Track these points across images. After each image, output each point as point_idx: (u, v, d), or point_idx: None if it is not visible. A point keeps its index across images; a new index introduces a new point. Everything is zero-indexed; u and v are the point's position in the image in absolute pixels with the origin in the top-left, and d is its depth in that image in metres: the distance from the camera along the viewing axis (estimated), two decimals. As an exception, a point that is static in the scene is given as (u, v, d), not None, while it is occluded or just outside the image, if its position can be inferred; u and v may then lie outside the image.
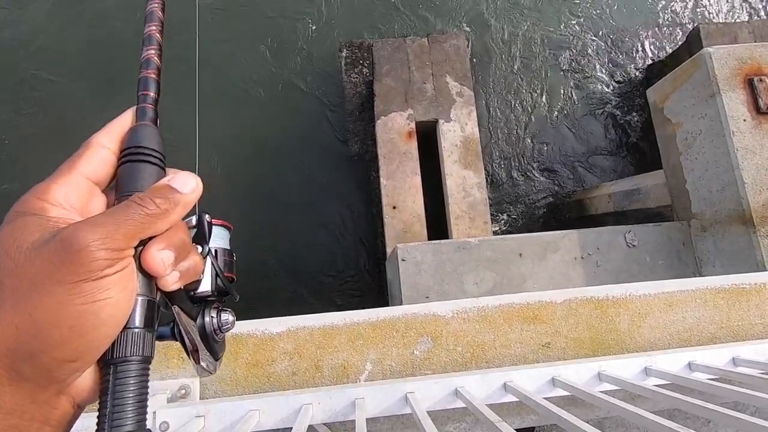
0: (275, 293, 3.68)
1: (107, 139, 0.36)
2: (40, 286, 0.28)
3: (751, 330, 0.97)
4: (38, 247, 0.28)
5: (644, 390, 0.76)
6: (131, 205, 0.31)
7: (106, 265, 0.29)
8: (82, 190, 0.33)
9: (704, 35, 3.67)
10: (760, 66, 2.42)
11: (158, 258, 0.32)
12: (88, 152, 0.34)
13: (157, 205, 0.32)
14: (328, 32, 4.34)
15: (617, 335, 0.97)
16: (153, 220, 0.32)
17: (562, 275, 2.55)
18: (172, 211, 0.33)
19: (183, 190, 0.34)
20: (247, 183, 3.90)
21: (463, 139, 3.55)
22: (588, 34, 4.58)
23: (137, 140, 0.36)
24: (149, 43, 0.39)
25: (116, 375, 0.31)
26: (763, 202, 2.20)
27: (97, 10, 4.09)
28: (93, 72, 3.89)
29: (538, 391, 0.86)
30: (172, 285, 0.34)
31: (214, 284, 0.39)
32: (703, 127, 2.46)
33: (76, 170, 0.33)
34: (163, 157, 0.37)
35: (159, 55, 0.39)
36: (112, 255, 0.29)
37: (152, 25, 0.40)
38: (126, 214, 0.31)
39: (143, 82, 0.38)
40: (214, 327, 0.38)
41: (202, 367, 0.39)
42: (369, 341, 0.94)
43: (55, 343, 0.28)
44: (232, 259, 0.42)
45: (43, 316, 0.27)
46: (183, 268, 0.34)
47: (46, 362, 0.28)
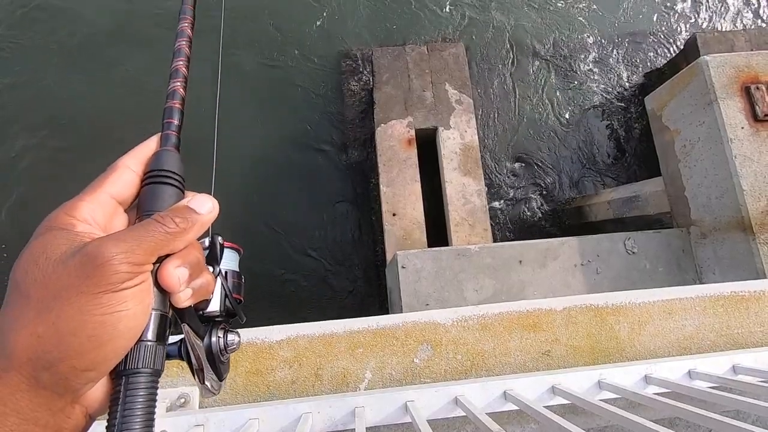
0: (273, 301, 3.67)
1: (133, 162, 0.38)
2: (64, 297, 0.29)
3: (750, 338, 0.97)
4: (65, 260, 0.30)
5: (644, 398, 0.76)
6: (152, 223, 0.34)
7: (126, 278, 0.30)
8: (107, 208, 0.36)
9: (701, 43, 3.71)
10: (757, 74, 2.44)
11: (174, 274, 0.34)
12: (114, 174, 0.37)
13: (177, 224, 0.34)
14: (327, 40, 4.37)
15: (617, 343, 0.96)
16: (172, 238, 0.34)
17: (562, 282, 2.55)
18: (189, 230, 0.35)
19: (200, 211, 0.36)
20: (245, 190, 3.91)
21: (463, 147, 3.57)
22: (586, 42, 4.62)
23: (160, 164, 0.38)
24: (176, 77, 0.42)
25: (127, 386, 0.32)
26: (761, 209, 2.21)
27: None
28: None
29: (538, 399, 0.85)
30: (184, 301, 0.36)
31: (223, 305, 0.40)
32: (701, 134, 2.47)
33: (102, 189, 0.36)
34: (183, 180, 0.39)
35: (184, 87, 0.43)
36: (133, 269, 0.31)
37: (179, 60, 0.43)
38: (147, 231, 0.33)
39: (168, 111, 0.41)
40: (220, 347, 0.39)
41: (206, 387, 0.39)
42: (369, 349, 0.94)
43: (74, 353, 0.29)
44: (241, 282, 0.43)
45: (65, 325, 0.29)
46: (195, 286, 0.36)
47: (65, 371, 0.29)
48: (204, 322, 0.39)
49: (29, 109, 3.95)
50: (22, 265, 0.31)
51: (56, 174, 3.75)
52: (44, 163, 3.82)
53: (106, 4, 4.28)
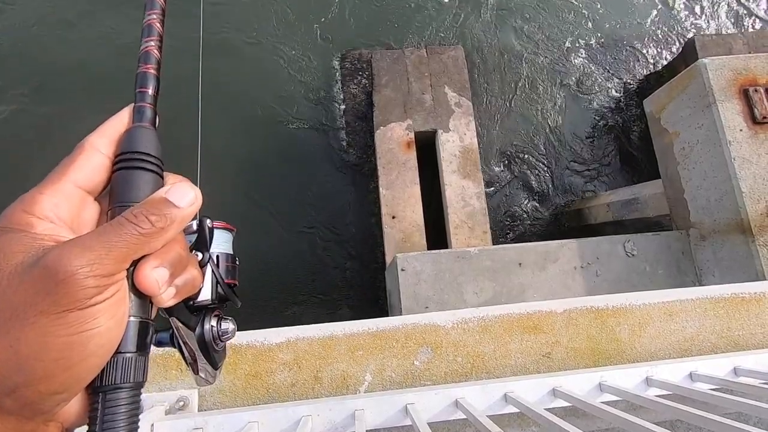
0: (273, 303, 3.66)
1: (101, 142, 0.33)
2: (23, 317, 0.25)
3: (752, 339, 0.97)
4: (21, 272, 0.26)
5: (645, 400, 0.76)
6: (124, 223, 0.29)
7: (95, 293, 0.26)
8: (73, 200, 0.31)
9: (699, 46, 3.72)
10: (755, 77, 2.45)
11: (152, 277, 0.30)
12: (80, 157, 0.32)
13: (152, 223, 0.29)
14: (327, 43, 4.38)
15: (618, 345, 0.96)
16: (147, 240, 0.29)
17: (562, 285, 2.54)
18: (168, 228, 0.30)
19: (180, 204, 0.31)
20: (245, 193, 3.90)
21: (462, 149, 3.57)
22: (584, 45, 4.63)
23: (133, 144, 0.33)
24: (149, 34, 0.36)
25: (105, 404, 0.29)
26: (761, 211, 2.21)
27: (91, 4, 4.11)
28: (87, 69, 3.89)
29: (538, 401, 0.85)
30: (167, 302, 0.32)
31: (215, 292, 0.37)
32: (699, 137, 2.48)
33: (66, 178, 0.31)
34: (161, 162, 0.34)
35: (159, 48, 0.36)
36: (102, 282, 0.27)
37: (152, 13, 0.36)
38: (118, 234, 0.28)
39: (141, 78, 0.35)
40: (213, 336, 0.36)
41: (201, 377, 0.37)
42: (369, 352, 0.94)
43: (39, 377, 0.26)
44: (235, 264, 0.40)
45: (25, 349, 0.25)
46: (179, 284, 0.32)
47: (30, 396, 0.26)
48: (195, 311, 0.36)
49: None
50: None
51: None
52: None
53: None
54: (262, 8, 4.38)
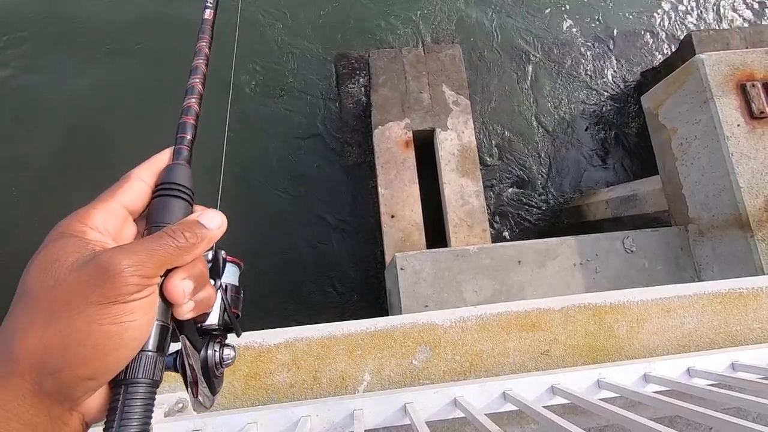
0: (271, 304, 3.66)
1: (145, 173, 0.40)
2: (73, 305, 0.30)
3: (749, 335, 0.97)
4: (77, 268, 0.31)
5: (643, 397, 0.76)
6: (163, 236, 0.34)
7: (135, 290, 0.31)
8: (118, 217, 0.36)
9: (697, 42, 3.72)
10: (752, 71, 2.45)
11: (180, 287, 0.35)
12: (127, 184, 0.38)
13: (186, 239, 0.35)
14: (323, 44, 4.38)
15: (616, 342, 0.96)
16: (181, 252, 0.34)
17: (562, 282, 2.55)
18: (198, 245, 0.36)
19: (209, 226, 0.37)
20: (241, 193, 3.90)
21: (461, 148, 3.57)
22: (582, 42, 4.63)
23: (171, 177, 0.39)
24: (191, 93, 0.45)
25: (126, 395, 0.32)
26: (759, 206, 2.21)
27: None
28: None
29: (537, 399, 0.85)
30: (186, 314, 0.36)
31: (221, 318, 0.40)
32: (697, 132, 2.48)
33: (115, 199, 0.37)
34: (193, 194, 0.40)
35: (199, 104, 0.45)
36: (142, 281, 0.32)
37: (196, 77, 0.46)
38: (158, 244, 0.33)
39: (182, 126, 0.43)
40: (216, 360, 0.39)
41: (199, 401, 0.39)
42: (367, 351, 0.94)
43: (78, 361, 0.30)
44: (239, 296, 0.44)
45: (71, 334, 0.29)
46: (198, 299, 0.37)
47: (67, 379, 0.30)
48: (201, 334, 0.39)
49: (42, 109, 3.94)
50: (33, 270, 0.32)
51: (65, 176, 3.74)
52: (54, 165, 3.81)
53: (123, 10, 4.28)
54: (258, 8, 4.37)
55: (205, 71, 0.47)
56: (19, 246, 3.49)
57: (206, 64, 0.47)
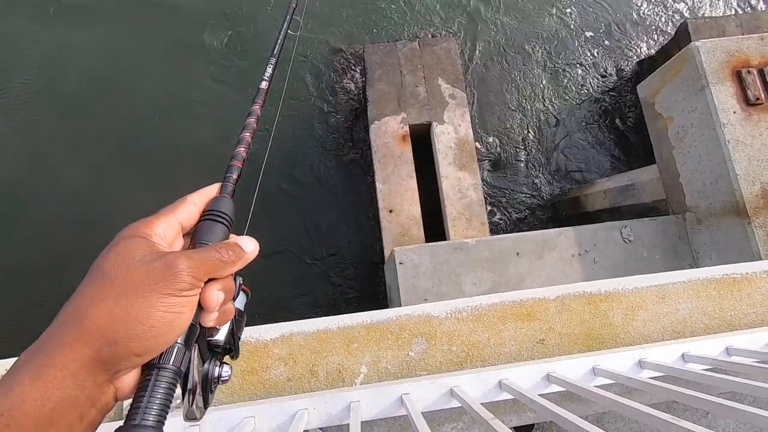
0: (271, 300, 3.67)
1: (198, 199, 0.48)
2: (140, 290, 0.36)
3: (744, 319, 0.97)
4: (146, 262, 0.37)
5: (638, 383, 0.76)
6: (212, 250, 0.41)
7: (188, 288, 0.38)
8: (174, 229, 0.44)
9: (692, 30, 3.70)
10: (748, 58, 2.44)
11: (215, 295, 0.41)
12: (184, 205, 0.46)
13: (229, 256, 0.42)
14: (317, 39, 4.36)
15: (611, 329, 0.97)
16: (224, 266, 0.41)
17: (560, 273, 2.55)
18: (237, 262, 0.43)
19: (246, 249, 0.45)
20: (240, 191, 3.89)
21: (458, 141, 3.56)
22: (578, 31, 4.61)
23: (217, 206, 0.48)
24: (242, 144, 0.55)
25: (157, 377, 0.37)
26: (756, 192, 2.21)
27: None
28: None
29: (533, 387, 0.86)
30: (210, 321, 0.42)
31: (228, 337, 0.45)
32: (694, 120, 2.47)
33: (174, 214, 0.45)
34: (232, 222, 0.48)
35: (246, 152, 0.56)
36: (194, 282, 0.38)
37: (247, 132, 0.57)
38: (209, 255, 0.41)
39: (230, 168, 0.53)
40: (215, 375, 0.43)
41: (192, 409, 0.42)
42: (363, 344, 0.94)
43: (136, 337, 0.35)
44: (243, 320, 0.49)
45: (135, 312, 0.35)
46: (221, 311, 0.43)
47: (122, 351, 0.35)
48: (208, 348, 0.44)
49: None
50: (111, 257, 0.38)
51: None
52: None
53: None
54: (248, 5, 4.35)
55: (255, 128, 0.58)
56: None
57: (257, 122, 0.59)
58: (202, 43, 4.25)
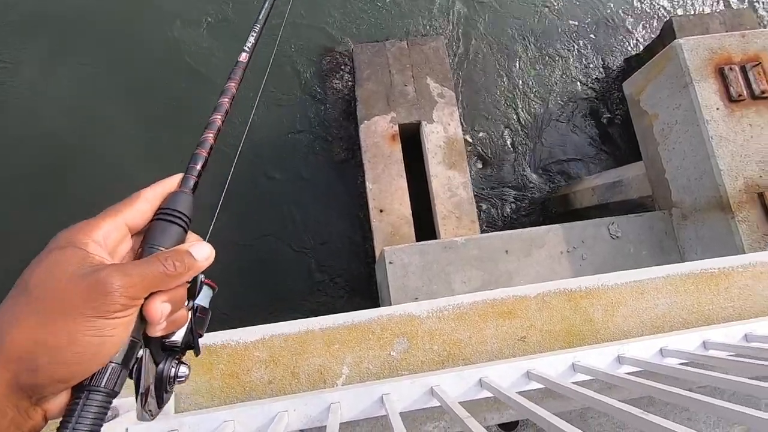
0: (262, 301, 3.65)
1: (152, 195, 0.43)
2: (67, 312, 0.33)
3: (721, 313, 0.98)
4: (75, 279, 0.34)
5: (615, 378, 0.77)
6: (155, 262, 0.37)
7: (121, 309, 0.34)
8: (119, 233, 0.40)
9: (677, 27, 3.74)
10: (730, 55, 2.47)
11: (159, 309, 0.38)
12: (134, 204, 0.41)
13: (176, 268, 0.38)
14: (306, 39, 4.34)
15: (591, 325, 0.97)
16: (168, 280, 0.38)
17: (549, 270, 2.57)
18: (185, 274, 0.39)
19: (198, 257, 0.40)
20: (234, 191, 3.87)
21: (447, 140, 3.57)
22: (565, 30, 4.63)
23: (174, 203, 0.43)
24: (210, 128, 0.48)
25: (85, 401, 0.34)
26: (739, 188, 2.24)
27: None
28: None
29: (513, 385, 0.86)
30: (157, 332, 0.39)
31: (186, 337, 0.43)
32: (678, 117, 2.50)
33: (121, 216, 0.40)
34: (190, 221, 0.44)
35: (215, 139, 0.49)
36: (129, 302, 0.35)
37: (218, 114, 0.49)
38: (150, 269, 0.37)
39: (195, 157, 0.47)
40: (170, 376, 0.41)
41: (145, 410, 0.41)
42: (345, 345, 0.94)
43: (58, 364, 0.33)
44: (206, 317, 0.46)
45: (60, 337, 0.32)
46: (171, 320, 0.40)
47: (44, 377, 0.33)
48: (163, 350, 0.42)
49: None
50: (39, 271, 0.35)
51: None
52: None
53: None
54: (238, 5, 4.32)
55: (228, 110, 0.50)
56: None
57: (230, 104, 0.51)
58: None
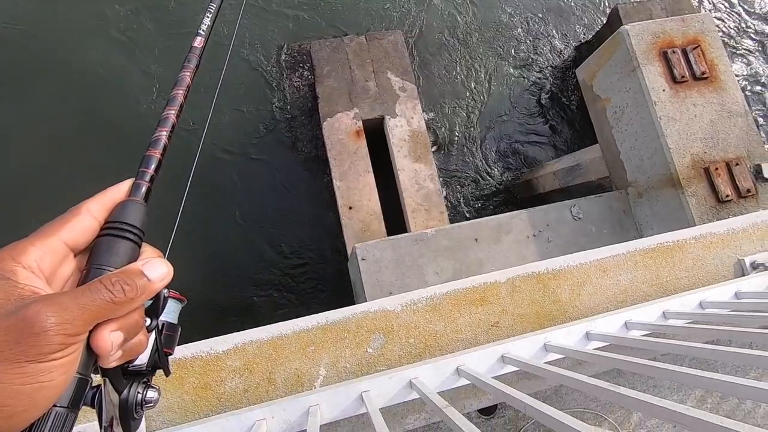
0: (231, 309, 3.57)
1: (96, 208, 0.36)
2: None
3: (678, 284, 1.04)
4: (1, 318, 0.28)
5: (583, 355, 0.80)
6: (99, 289, 0.31)
7: (57, 349, 0.28)
8: (56, 255, 0.33)
9: (623, 14, 3.91)
10: (672, 39, 2.60)
11: (108, 339, 0.32)
12: (74, 219, 0.35)
13: (125, 293, 0.32)
14: (263, 38, 4.24)
15: (560, 306, 1.00)
16: (117, 308, 0.31)
17: (517, 255, 2.63)
18: (136, 299, 0.33)
19: (152, 278, 0.34)
20: (198, 197, 3.74)
21: (411, 133, 3.59)
22: (519, 20, 4.75)
23: (122, 216, 0.36)
24: (163, 125, 0.42)
25: None
26: (687, 164, 2.37)
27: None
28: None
29: (489, 370, 0.88)
30: (111, 363, 0.33)
31: (152, 359, 0.38)
32: (628, 100, 2.61)
33: (57, 235, 0.34)
34: (143, 234, 0.37)
35: (169, 138, 0.42)
36: (68, 340, 0.29)
37: (171, 109, 0.43)
38: (92, 298, 0.30)
39: (146, 160, 0.40)
40: (137, 402, 0.37)
41: None
42: (320, 346, 0.93)
43: None
44: (175, 334, 0.41)
45: None
46: (127, 348, 0.34)
47: None
48: (126, 374, 0.37)
49: None
50: None
51: None
52: None
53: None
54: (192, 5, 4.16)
55: (183, 103, 0.43)
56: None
57: (185, 96, 0.44)
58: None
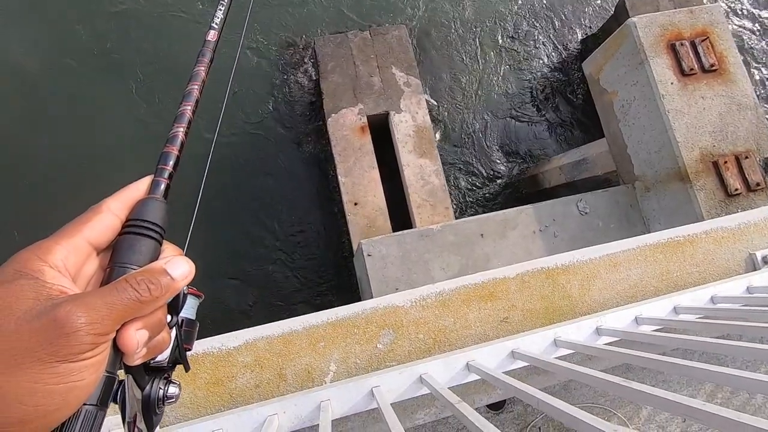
0: (241, 306, 3.59)
1: (117, 206, 0.37)
2: (19, 360, 0.27)
3: (689, 278, 1.03)
4: (29, 319, 0.28)
5: (593, 350, 0.79)
6: (126, 288, 0.32)
7: (88, 349, 0.29)
8: (81, 254, 0.34)
9: (630, 6, 3.86)
10: (680, 31, 2.57)
11: (135, 338, 0.33)
12: (96, 218, 0.36)
13: (150, 292, 0.33)
14: (267, 34, 4.23)
15: (570, 301, 1.00)
16: (143, 306, 0.32)
17: (524, 250, 2.63)
18: (161, 298, 0.34)
19: (175, 276, 0.35)
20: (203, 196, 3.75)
21: (416, 128, 3.57)
22: (524, 14, 4.70)
23: (144, 213, 0.37)
24: (180, 121, 0.42)
25: None
26: (695, 158, 2.35)
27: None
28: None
29: (499, 366, 0.88)
30: (136, 361, 0.34)
31: (173, 355, 0.39)
32: (636, 93, 2.59)
33: (81, 234, 0.34)
34: (164, 232, 0.38)
35: (186, 134, 0.42)
36: (98, 340, 0.30)
37: (187, 104, 0.43)
38: (119, 298, 0.31)
39: (164, 157, 0.41)
40: (159, 398, 0.38)
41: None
42: (331, 342, 0.93)
43: (17, 420, 0.27)
44: (194, 330, 0.42)
45: (14, 391, 0.27)
46: (151, 346, 0.35)
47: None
48: (148, 370, 0.38)
49: None
50: None
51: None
52: None
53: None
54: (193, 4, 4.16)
55: (199, 98, 0.44)
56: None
57: (201, 90, 0.44)
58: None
